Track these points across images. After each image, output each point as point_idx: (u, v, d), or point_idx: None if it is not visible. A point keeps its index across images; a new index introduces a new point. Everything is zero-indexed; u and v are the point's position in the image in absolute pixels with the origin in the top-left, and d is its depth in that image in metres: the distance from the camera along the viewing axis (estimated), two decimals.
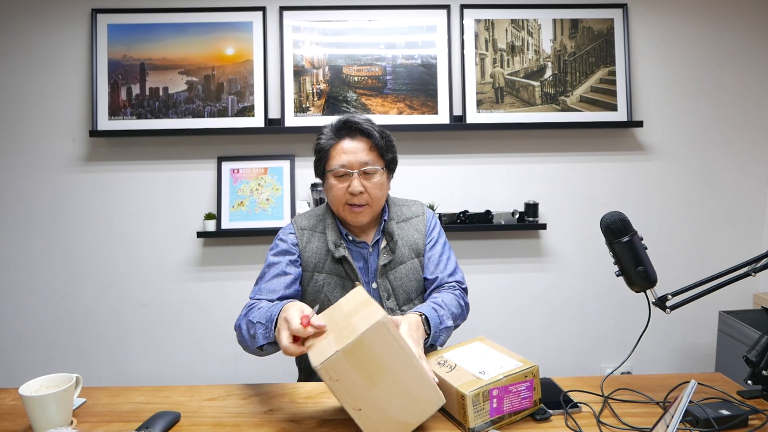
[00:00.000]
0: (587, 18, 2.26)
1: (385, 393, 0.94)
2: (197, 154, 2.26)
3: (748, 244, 2.37)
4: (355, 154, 1.30)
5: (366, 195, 1.30)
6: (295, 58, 2.21)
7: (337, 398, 0.90)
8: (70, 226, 2.25)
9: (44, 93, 2.22)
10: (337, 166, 1.30)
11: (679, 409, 0.82)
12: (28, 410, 1.02)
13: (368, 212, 1.33)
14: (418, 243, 1.40)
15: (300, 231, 1.38)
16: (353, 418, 0.94)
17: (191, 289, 2.29)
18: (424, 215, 1.45)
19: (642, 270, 1.13)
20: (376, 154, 1.32)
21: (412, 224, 1.42)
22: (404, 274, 1.37)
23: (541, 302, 2.36)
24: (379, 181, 1.32)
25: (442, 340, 1.24)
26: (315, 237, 1.37)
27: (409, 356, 0.94)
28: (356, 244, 1.37)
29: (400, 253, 1.37)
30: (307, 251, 1.35)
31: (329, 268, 1.34)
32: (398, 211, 1.43)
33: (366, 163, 1.30)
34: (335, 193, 1.32)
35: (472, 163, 2.31)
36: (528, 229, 2.30)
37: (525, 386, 1.04)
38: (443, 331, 1.23)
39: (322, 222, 1.39)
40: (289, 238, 1.37)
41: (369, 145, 1.31)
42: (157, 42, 2.20)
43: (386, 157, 1.35)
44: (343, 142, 1.32)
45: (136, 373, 2.31)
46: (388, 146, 1.35)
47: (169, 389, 1.26)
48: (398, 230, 1.39)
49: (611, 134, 2.32)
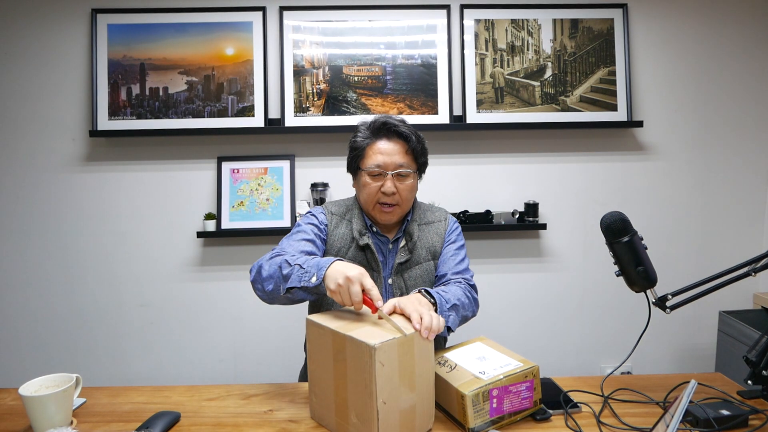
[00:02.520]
0: (587, 18, 2.26)
1: (408, 393, 0.97)
2: (197, 154, 2.26)
3: (748, 244, 2.37)
4: (391, 156, 1.33)
5: (397, 196, 1.34)
6: (295, 58, 2.21)
7: (368, 387, 0.92)
8: (69, 226, 2.25)
9: (44, 93, 2.22)
10: (372, 165, 1.33)
11: (679, 409, 0.82)
12: (28, 410, 1.02)
13: (398, 212, 1.37)
14: (436, 246, 1.42)
15: (330, 215, 1.41)
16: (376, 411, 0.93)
17: (191, 289, 2.29)
18: (446, 221, 1.47)
19: (642, 270, 1.13)
20: (411, 158, 1.36)
21: (434, 228, 1.44)
22: (419, 275, 1.39)
23: (541, 302, 2.36)
24: (411, 184, 1.36)
25: (453, 320, 1.21)
26: (343, 223, 1.40)
27: (433, 370, 1.03)
28: (379, 237, 1.41)
29: (417, 254, 1.39)
30: (334, 235, 1.38)
31: (352, 254, 1.36)
32: (422, 214, 1.46)
33: (401, 165, 1.33)
34: (369, 191, 1.35)
35: (472, 163, 2.31)
36: (528, 229, 2.30)
37: (525, 386, 1.04)
38: (451, 309, 1.21)
39: (351, 211, 1.42)
40: (321, 217, 1.40)
41: (405, 148, 1.35)
42: (157, 42, 2.20)
43: (420, 160, 1.39)
44: (379, 142, 1.34)
45: (136, 373, 2.31)
46: (422, 150, 1.39)
47: (169, 389, 1.26)
48: (419, 232, 1.41)
49: (611, 134, 2.32)
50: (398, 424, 0.96)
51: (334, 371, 1.00)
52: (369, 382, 0.92)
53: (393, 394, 0.94)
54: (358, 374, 0.94)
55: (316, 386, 1.06)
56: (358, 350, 0.94)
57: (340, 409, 1.00)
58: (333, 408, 1.02)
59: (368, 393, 0.93)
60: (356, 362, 0.94)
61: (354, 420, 0.97)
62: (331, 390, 1.02)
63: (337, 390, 1.00)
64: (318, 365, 1.05)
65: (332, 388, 1.01)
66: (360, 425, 0.96)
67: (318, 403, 1.07)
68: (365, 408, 0.94)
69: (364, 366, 0.93)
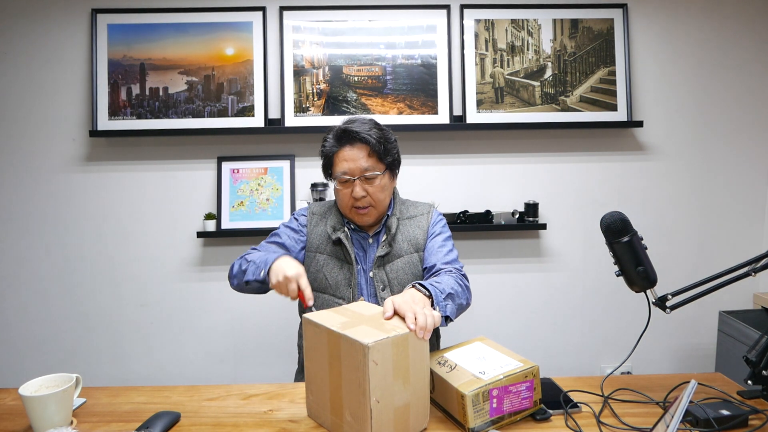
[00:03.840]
0: (587, 18, 2.26)
1: (403, 392, 0.97)
2: (197, 154, 2.26)
3: (748, 244, 2.37)
4: (356, 161, 1.36)
5: (368, 198, 1.37)
6: (295, 58, 2.21)
7: (361, 386, 0.93)
8: (69, 226, 2.25)
9: (44, 93, 2.22)
10: (339, 173, 1.37)
11: (679, 409, 0.82)
12: (28, 410, 1.02)
13: (373, 213, 1.40)
14: (418, 239, 1.44)
15: (311, 215, 1.49)
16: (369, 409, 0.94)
17: (191, 289, 2.29)
18: (429, 214, 1.48)
19: (642, 270, 1.13)
20: (375, 159, 1.38)
21: (416, 221, 1.46)
22: (401, 267, 1.41)
23: (541, 302, 2.36)
24: (381, 184, 1.38)
25: (450, 309, 1.21)
26: (322, 222, 1.47)
27: (428, 368, 1.04)
28: (358, 233, 1.45)
29: (398, 247, 1.42)
30: (313, 234, 1.45)
31: (329, 250, 1.42)
32: (404, 209, 1.48)
33: (366, 169, 1.36)
34: (341, 197, 1.40)
35: (472, 163, 2.31)
36: (528, 229, 2.30)
37: (525, 386, 1.04)
38: (447, 298, 1.20)
39: (330, 210, 1.49)
40: (301, 219, 1.49)
41: (368, 151, 1.37)
42: (157, 42, 2.20)
43: (386, 160, 1.39)
44: (344, 149, 1.38)
45: (136, 373, 2.31)
46: (386, 149, 1.39)
47: (169, 389, 1.26)
48: (399, 225, 1.44)
49: (611, 134, 2.32)
50: (392, 423, 0.96)
51: (329, 369, 1.01)
52: (363, 380, 0.93)
53: (387, 392, 0.95)
54: (352, 373, 0.95)
55: (312, 384, 1.07)
56: (352, 349, 0.94)
57: (335, 407, 1.01)
58: (328, 406, 1.03)
59: (362, 391, 0.93)
60: (350, 361, 0.95)
61: (348, 418, 0.97)
62: (326, 388, 1.02)
63: (333, 388, 1.01)
64: (314, 363, 1.06)
65: (328, 386, 1.02)
66: (354, 423, 0.96)
67: (314, 401, 1.08)
68: (359, 406, 0.94)
69: (357, 365, 0.93)
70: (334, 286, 1.40)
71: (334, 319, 1.04)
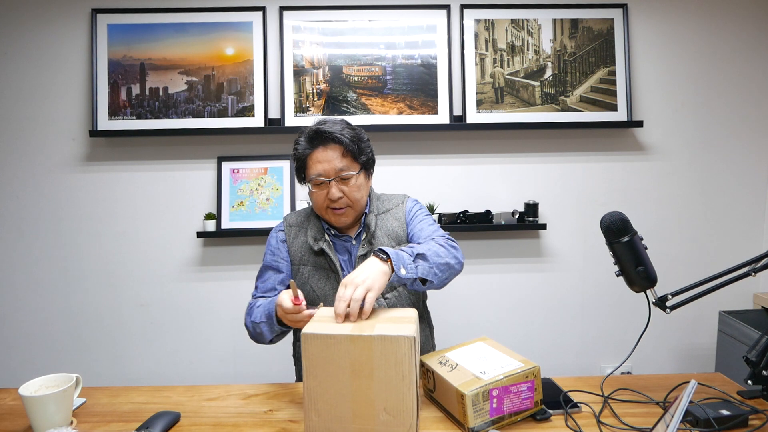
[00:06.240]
0: (587, 18, 2.26)
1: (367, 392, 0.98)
2: (197, 154, 2.26)
3: (748, 244, 2.37)
4: (330, 162, 1.33)
5: (345, 198, 1.34)
6: (295, 58, 2.21)
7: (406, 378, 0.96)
8: (69, 226, 2.25)
9: (44, 93, 2.22)
10: (314, 175, 1.34)
11: (679, 409, 0.82)
12: (28, 410, 1.02)
13: (350, 213, 1.37)
14: (398, 231, 1.41)
15: (288, 228, 1.45)
16: (416, 398, 0.98)
17: (191, 289, 2.29)
18: (404, 204, 1.46)
19: (642, 270, 1.13)
20: (350, 159, 1.35)
21: (392, 214, 1.44)
22: None
23: (541, 302, 2.36)
24: (356, 184, 1.35)
25: (423, 270, 1.18)
26: (301, 233, 1.43)
27: (412, 382, 0.97)
28: (340, 238, 1.42)
29: (378, 243, 1.39)
30: (294, 246, 1.42)
31: (313, 261, 1.40)
32: (379, 204, 1.46)
33: (341, 169, 1.33)
34: (317, 199, 1.37)
35: (472, 163, 2.31)
36: (528, 229, 2.30)
37: (526, 387, 1.04)
38: (418, 258, 1.19)
39: (308, 219, 1.45)
40: (279, 235, 1.46)
41: (341, 151, 1.34)
42: (157, 42, 2.20)
43: (360, 159, 1.37)
44: (317, 151, 1.34)
45: (136, 373, 2.31)
46: (360, 149, 1.36)
47: (169, 389, 1.26)
48: (377, 221, 1.41)
49: (611, 134, 2.32)
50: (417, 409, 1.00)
51: (351, 376, 0.97)
52: (408, 371, 0.95)
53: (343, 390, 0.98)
54: (392, 369, 0.95)
55: (319, 402, 1.00)
56: (391, 345, 0.95)
57: (360, 413, 0.98)
58: (348, 417, 0.99)
59: (407, 383, 0.95)
60: (389, 357, 0.95)
61: (384, 417, 0.97)
62: (346, 398, 0.98)
63: (356, 395, 0.98)
64: (321, 381, 0.99)
65: (349, 395, 0.98)
66: (391, 419, 0.96)
67: (320, 420, 1.00)
68: (401, 399, 0.96)
69: (401, 358, 0.94)
70: (323, 298, 1.37)
71: (336, 326, 1.02)
